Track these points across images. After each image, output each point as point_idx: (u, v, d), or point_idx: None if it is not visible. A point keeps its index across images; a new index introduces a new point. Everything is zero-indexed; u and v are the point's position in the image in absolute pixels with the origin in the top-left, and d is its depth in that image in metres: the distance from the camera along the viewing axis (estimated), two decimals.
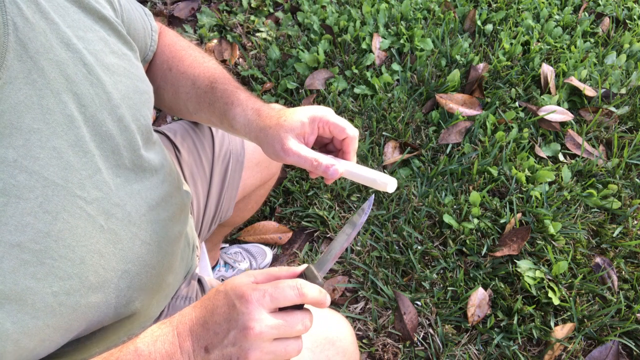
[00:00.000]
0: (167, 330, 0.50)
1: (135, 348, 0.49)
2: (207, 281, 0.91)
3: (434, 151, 1.58)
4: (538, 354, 1.24)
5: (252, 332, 0.47)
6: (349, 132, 0.65)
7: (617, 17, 1.98)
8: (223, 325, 0.48)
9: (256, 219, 1.53)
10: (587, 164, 1.53)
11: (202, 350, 0.48)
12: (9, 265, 0.45)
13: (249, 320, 0.47)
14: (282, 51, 1.82)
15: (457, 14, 1.91)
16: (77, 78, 0.53)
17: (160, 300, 0.73)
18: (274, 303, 0.49)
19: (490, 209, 1.45)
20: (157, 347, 0.49)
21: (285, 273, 0.54)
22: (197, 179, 0.94)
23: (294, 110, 0.65)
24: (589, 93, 1.67)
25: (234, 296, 0.49)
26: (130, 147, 0.60)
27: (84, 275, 0.52)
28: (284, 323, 0.49)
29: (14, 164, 0.45)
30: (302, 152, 0.62)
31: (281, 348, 0.49)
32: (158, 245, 0.66)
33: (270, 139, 0.64)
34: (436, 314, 1.29)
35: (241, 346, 0.47)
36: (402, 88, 1.69)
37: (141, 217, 0.62)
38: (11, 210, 0.45)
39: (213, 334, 0.48)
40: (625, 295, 1.30)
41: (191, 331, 0.49)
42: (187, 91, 0.77)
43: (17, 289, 0.45)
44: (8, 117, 0.45)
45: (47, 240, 0.48)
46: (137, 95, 0.62)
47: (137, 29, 0.70)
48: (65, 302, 0.50)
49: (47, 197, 0.48)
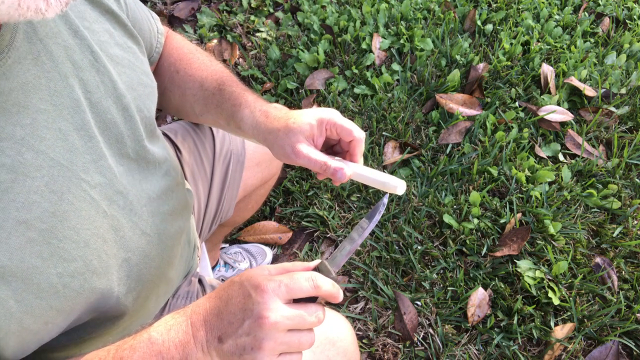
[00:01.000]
0: (181, 319, 0.50)
1: (149, 336, 0.49)
2: (208, 281, 0.91)
3: (434, 151, 1.58)
4: (538, 354, 1.24)
5: (267, 322, 0.46)
6: (356, 134, 0.65)
7: (617, 17, 1.98)
8: (238, 314, 0.48)
9: (256, 219, 1.53)
10: (587, 164, 1.54)
11: (215, 340, 0.48)
12: (16, 242, 0.45)
13: (265, 309, 0.47)
14: (282, 51, 1.82)
15: (457, 14, 1.91)
16: (83, 64, 0.54)
17: (160, 295, 0.73)
18: (289, 294, 0.49)
19: (490, 209, 1.45)
20: (171, 335, 0.49)
21: (300, 267, 0.53)
22: (198, 179, 0.94)
23: (302, 113, 0.66)
24: (589, 93, 1.67)
25: (250, 286, 0.48)
26: (134, 136, 0.61)
27: (88, 258, 0.52)
28: (299, 314, 0.49)
29: (21, 141, 0.46)
30: (312, 155, 0.63)
31: (295, 339, 0.49)
32: (158, 238, 0.66)
33: (280, 142, 0.65)
34: (436, 314, 1.29)
35: (255, 336, 0.47)
36: (402, 88, 1.69)
37: (142, 208, 0.62)
38: (18, 187, 0.45)
39: (227, 324, 0.48)
40: (625, 295, 1.30)
41: (205, 321, 0.49)
42: (194, 93, 0.78)
43: (23, 267, 0.45)
44: (16, 95, 0.46)
45: (52, 220, 0.48)
46: (142, 87, 0.63)
47: (142, 29, 0.71)
48: (69, 284, 0.50)
49: (53, 177, 0.48)
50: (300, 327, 0.49)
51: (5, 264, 0.44)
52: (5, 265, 0.44)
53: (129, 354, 0.48)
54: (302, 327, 0.49)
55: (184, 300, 0.83)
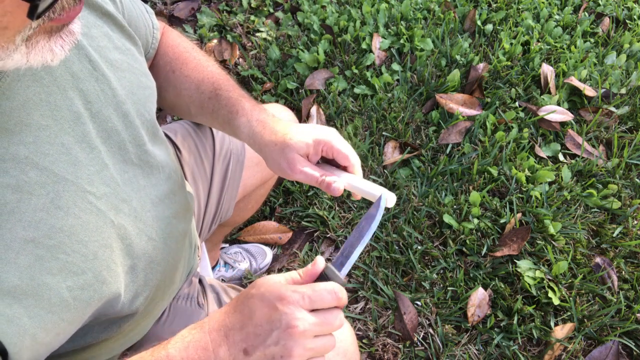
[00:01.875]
0: (199, 336, 0.51)
1: (167, 354, 0.50)
2: (208, 281, 0.91)
3: (434, 151, 1.58)
4: (538, 354, 1.24)
5: (296, 331, 0.49)
6: (352, 160, 0.67)
7: (617, 17, 1.98)
8: (265, 326, 0.50)
9: (256, 219, 1.53)
10: (587, 164, 1.53)
11: (240, 353, 0.50)
12: (25, 260, 0.45)
13: (293, 319, 0.49)
14: (282, 51, 1.82)
15: (457, 14, 1.91)
16: (82, 75, 0.53)
17: (165, 298, 0.73)
18: (312, 305, 0.51)
19: (490, 209, 1.45)
20: (189, 353, 0.50)
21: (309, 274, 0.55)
22: (197, 179, 0.94)
23: (300, 130, 0.67)
24: (589, 93, 1.67)
25: (273, 298, 0.50)
26: (135, 142, 0.61)
27: (97, 270, 0.52)
28: (324, 320, 0.51)
29: (25, 160, 0.46)
30: (307, 170, 0.65)
31: (320, 344, 0.51)
32: (164, 242, 0.66)
33: (275, 156, 0.66)
34: (436, 314, 1.29)
35: (285, 345, 0.49)
36: (402, 88, 1.69)
37: (146, 213, 0.62)
38: (24, 206, 0.45)
39: (254, 336, 0.50)
40: (625, 295, 1.30)
41: (226, 336, 0.51)
42: (190, 94, 0.77)
43: (34, 284, 0.46)
44: (18, 114, 0.46)
45: (60, 235, 0.48)
46: (141, 90, 0.63)
47: (138, 27, 0.70)
48: (79, 296, 0.50)
49: (58, 192, 0.49)
50: (325, 332, 0.52)
51: (16, 283, 0.44)
52: (16, 285, 0.44)
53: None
54: (326, 332, 0.52)
55: (185, 301, 0.83)
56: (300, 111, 1.66)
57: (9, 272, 0.44)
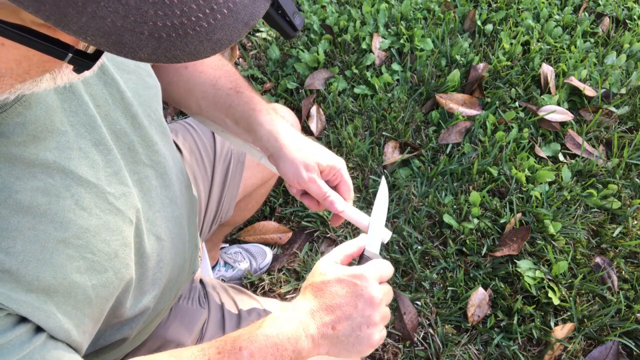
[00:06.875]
0: (290, 319, 0.59)
1: (264, 331, 0.57)
2: (208, 281, 0.91)
3: (434, 151, 1.58)
4: (538, 354, 1.24)
5: (376, 300, 0.60)
6: (351, 192, 0.77)
7: (617, 17, 1.98)
8: (351, 302, 0.59)
9: (256, 219, 1.53)
10: (587, 164, 1.54)
11: (329, 329, 0.58)
12: (58, 260, 0.47)
13: (373, 290, 0.60)
14: (282, 51, 1.82)
15: (457, 14, 1.91)
16: (91, 80, 0.55)
17: (171, 297, 0.73)
18: (381, 278, 0.63)
19: (490, 209, 1.45)
20: (283, 330, 0.57)
21: (355, 247, 0.68)
22: (198, 179, 0.94)
23: (319, 151, 0.74)
24: (589, 93, 1.67)
25: (351, 277, 0.60)
26: (145, 143, 0.62)
27: (117, 267, 0.54)
28: (390, 290, 0.64)
29: (53, 164, 0.48)
30: (322, 186, 0.73)
31: (387, 312, 0.62)
32: (171, 243, 0.67)
33: (296, 163, 0.72)
34: (436, 314, 1.29)
35: (369, 315, 0.59)
36: (402, 88, 1.69)
37: (155, 214, 0.63)
38: (54, 208, 0.47)
39: (340, 312, 0.59)
40: (625, 295, 1.30)
41: (314, 317, 0.59)
42: (204, 90, 0.78)
43: (65, 283, 0.48)
44: (43, 121, 0.47)
45: (87, 235, 0.50)
46: (147, 90, 0.64)
47: None
48: (101, 293, 0.52)
49: (81, 194, 0.50)
50: (389, 301, 0.63)
51: (51, 282, 0.46)
52: (50, 283, 0.46)
53: (247, 344, 0.56)
54: (390, 300, 0.64)
55: (186, 301, 0.83)
56: (300, 111, 1.66)
57: (45, 271, 0.46)
